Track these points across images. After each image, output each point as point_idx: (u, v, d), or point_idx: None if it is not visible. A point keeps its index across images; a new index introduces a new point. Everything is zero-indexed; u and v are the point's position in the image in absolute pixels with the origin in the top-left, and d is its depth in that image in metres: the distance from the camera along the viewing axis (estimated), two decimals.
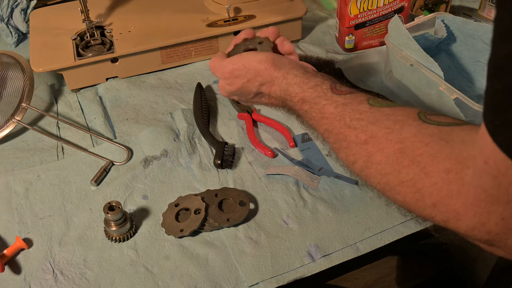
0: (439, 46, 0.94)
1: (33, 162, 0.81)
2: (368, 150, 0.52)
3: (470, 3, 1.15)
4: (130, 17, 0.99)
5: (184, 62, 0.99)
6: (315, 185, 0.75)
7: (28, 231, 0.71)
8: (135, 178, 0.78)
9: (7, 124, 0.84)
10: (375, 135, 0.52)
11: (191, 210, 0.71)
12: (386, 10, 0.97)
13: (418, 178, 0.47)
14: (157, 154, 0.81)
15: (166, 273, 0.66)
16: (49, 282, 0.65)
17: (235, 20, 0.97)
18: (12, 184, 0.77)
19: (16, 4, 1.07)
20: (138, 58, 0.94)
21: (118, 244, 0.69)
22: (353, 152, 0.54)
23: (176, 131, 0.85)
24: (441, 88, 0.77)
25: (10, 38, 1.06)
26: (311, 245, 0.68)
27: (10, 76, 0.86)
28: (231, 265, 0.67)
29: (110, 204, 0.68)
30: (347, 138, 0.55)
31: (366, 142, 0.53)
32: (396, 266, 1.50)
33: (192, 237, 0.70)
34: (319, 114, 0.59)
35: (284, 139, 0.83)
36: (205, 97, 0.89)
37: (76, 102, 0.92)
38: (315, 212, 0.72)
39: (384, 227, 0.70)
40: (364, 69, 0.97)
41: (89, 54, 0.93)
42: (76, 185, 0.77)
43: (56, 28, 0.97)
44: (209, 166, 0.79)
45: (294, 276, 0.66)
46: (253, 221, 0.72)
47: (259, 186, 0.76)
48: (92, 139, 0.85)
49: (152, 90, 0.94)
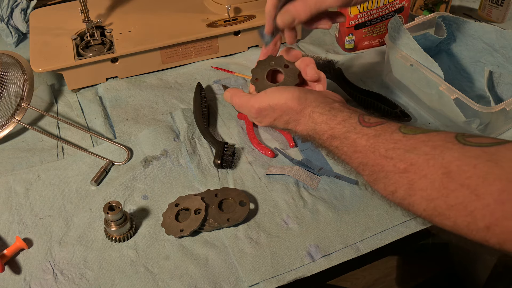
0: (439, 46, 0.94)
1: (33, 162, 0.81)
2: (410, 178, 0.51)
3: (470, 3, 1.15)
4: (130, 17, 0.99)
5: (184, 62, 0.99)
6: (315, 185, 0.75)
7: (28, 231, 0.71)
8: (135, 178, 0.78)
9: (7, 124, 0.84)
10: (415, 162, 0.51)
11: (191, 210, 0.71)
12: (386, 10, 0.97)
13: (468, 201, 0.46)
14: (157, 154, 0.81)
15: (166, 273, 0.66)
16: (49, 282, 0.65)
17: (235, 20, 0.97)
18: (12, 184, 0.77)
19: (16, 4, 1.07)
20: (138, 58, 0.94)
21: (118, 244, 0.69)
22: (392, 181, 0.53)
23: (176, 131, 0.85)
24: (441, 88, 0.77)
25: (10, 38, 1.06)
26: (311, 245, 0.68)
27: (10, 76, 0.86)
28: (231, 265, 0.67)
29: (110, 204, 0.68)
30: (384, 169, 0.54)
31: (406, 170, 0.52)
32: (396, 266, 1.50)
33: (192, 237, 0.70)
34: (350, 148, 0.59)
35: (284, 139, 0.83)
36: (205, 97, 0.89)
37: (76, 102, 0.93)
38: (315, 212, 0.72)
39: (384, 227, 0.70)
40: (364, 69, 0.97)
41: (89, 54, 0.93)
42: (76, 185, 0.77)
43: (56, 28, 0.97)
44: (209, 166, 0.79)
45: (294, 276, 0.66)
46: (253, 221, 0.72)
47: (259, 186, 0.76)
48: (92, 139, 0.85)
49: (152, 90, 0.94)
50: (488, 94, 0.80)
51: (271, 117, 0.67)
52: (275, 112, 0.66)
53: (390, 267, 1.50)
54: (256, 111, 0.68)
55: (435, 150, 0.50)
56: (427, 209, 0.50)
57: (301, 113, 0.64)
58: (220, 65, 0.98)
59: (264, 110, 0.67)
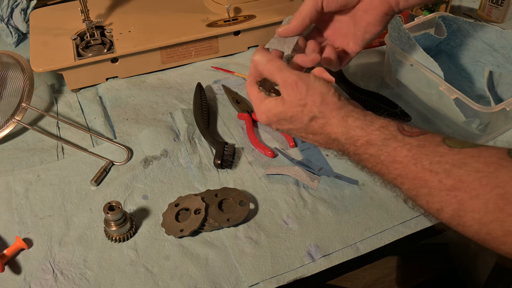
0: (439, 46, 0.94)
1: (33, 162, 0.81)
2: (459, 196, 0.47)
3: (470, 3, 1.15)
4: (130, 17, 0.99)
5: (184, 62, 0.99)
6: (315, 185, 0.75)
7: (28, 231, 0.71)
8: (135, 178, 0.78)
9: (7, 124, 0.84)
10: (465, 179, 0.47)
11: (191, 210, 0.71)
12: None
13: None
14: (157, 154, 0.81)
15: (166, 273, 0.66)
16: (49, 282, 0.65)
17: (235, 20, 0.97)
18: (12, 184, 0.77)
19: (16, 4, 1.07)
20: (138, 58, 0.94)
21: (118, 244, 0.69)
22: (437, 199, 0.49)
23: (176, 131, 0.85)
24: (441, 88, 0.77)
25: (10, 38, 1.06)
26: (311, 245, 0.68)
27: (10, 76, 0.86)
28: (231, 265, 0.67)
29: (110, 204, 0.68)
30: (428, 184, 0.50)
31: (454, 188, 0.47)
32: (396, 266, 1.51)
33: (192, 237, 0.70)
34: (388, 157, 0.53)
35: (284, 139, 0.83)
36: (205, 97, 0.89)
37: (76, 102, 0.92)
38: (315, 212, 0.72)
39: (384, 227, 0.70)
40: (364, 69, 0.97)
41: (89, 54, 0.93)
42: (76, 185, 0.77)
43: (56, 28, 0.97)
44: (209, 166, 0.79)
45: (294, 276, 0.66)
46: (253, 221, 0.72)
47: (259, 186, 0.76)
48: (92, 139, 0.85)
49: (152, 90, 0.94)
50: (488, 94, 0.80)
51: (298, 100, 0.58)
52: (307, 96, 0.58)
53: (390, 267, 1.50)
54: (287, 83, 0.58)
55: (489, 167, 0.46)
56: (479, 233, 0.47)
57: (335, 112, 0.57)
58: (220, 65, 0.98)
59: (298, 85, 0.58)
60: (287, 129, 0.61)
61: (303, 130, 0.60)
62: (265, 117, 0.61)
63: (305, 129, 0.60)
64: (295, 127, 0.60)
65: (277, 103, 0.60)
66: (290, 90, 0.58)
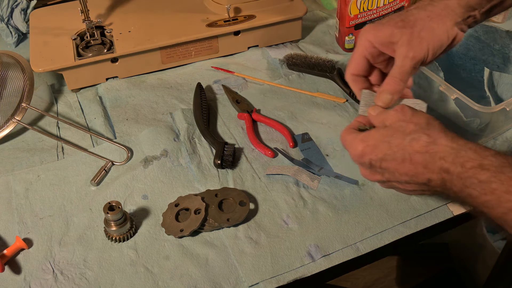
0: None
1: (33, 162, 0.81)
2: None
3: None
4: (130, 17, 0.99)
5: (184, 62, 0.99)
6: (315, 185, 0.75)
7: (28, 231, 0.71)
8: (135, 178, 0.78)
9: (7, 124, 0.84)
10: None
11: (191, 210, 0.71)
12: (386, 10, 0.97)
13: None
14: (157, 154, 0.81)
15: (166, 273, 0.66)
16: (49, 282, 0.65)
17: (235, 20, 0.97)
18: (12, 184, 0.77)
19: (16, 4, 1.07)
20: (138, 58, 0.94)
21: (118, 244, 0.69)
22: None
23: (176, 131, 0.85)
24: (441, 88, 0.77)
25: (10, 38, 1.06)
26: (311, 245, 0.68)
27: (10, 76, 0.86)
28: (231, 265, 0.67)
29: (110, 204, 0.68)
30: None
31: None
32: (396, 266, 1.51)
33: (192, 237, 0.70)
34: (502, 186, 0.48)
35: (284, 139, 0.83)
36: (205, 97, 0.89)
37: (76, 102, 0.93)
38: (315, 212, 0.72)
39: (384, 227, 0.70)
40: None
41: (89, 54, 0.93)
42: (76, 185, 0.77)
43: (56, 28, 0.97)
44: (209, 166, 0.79)
45: (294, 276, 0.66)
46: (253, 221, 0.72)
47: (259, 186, 0.76)
48: (92, 139, 0.85)
49: (152, 90, 0.94)
50: (488, 94, 0.80)
51: (402, 121, 0.55)
52: (412, 118, 0.55)
53: (390, 267, 1.50)
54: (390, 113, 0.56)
55: None
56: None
57: (443, 134, 0.53)
58: (220, 65, 0.98)
59: (403, 109, 0.55)
60: (383, 155, 0.54)
61: (401, 147, 0.54)
62: (362, 147, 0.56)
63: (403, 146, 0.53)
64: (393, 142, 0.54)
65: (379, 128, 0.57)
66: (393, 112, 0.56)
